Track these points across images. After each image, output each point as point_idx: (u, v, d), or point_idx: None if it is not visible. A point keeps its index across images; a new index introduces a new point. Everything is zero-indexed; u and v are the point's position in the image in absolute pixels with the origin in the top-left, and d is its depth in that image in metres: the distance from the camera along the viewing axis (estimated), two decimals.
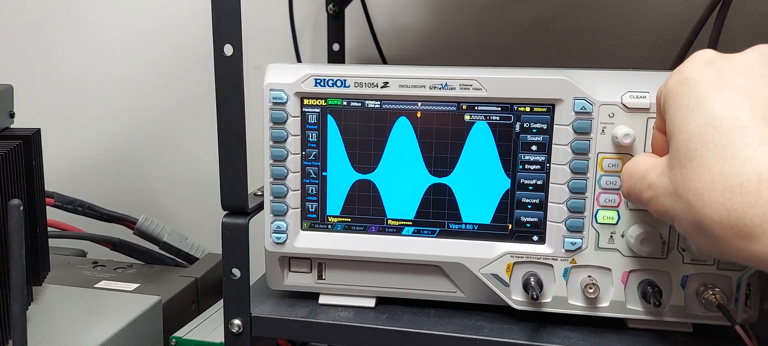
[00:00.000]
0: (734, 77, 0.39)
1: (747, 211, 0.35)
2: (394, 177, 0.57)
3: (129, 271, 0.89)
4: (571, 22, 0.91)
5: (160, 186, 1.13)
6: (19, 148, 0.67)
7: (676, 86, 0.42)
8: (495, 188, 0.56)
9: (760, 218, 0.35)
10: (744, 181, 0.36)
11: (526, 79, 0.53)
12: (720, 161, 0.37)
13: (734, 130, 0.37)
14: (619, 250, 0.54)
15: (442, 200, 0.57)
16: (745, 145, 0.36)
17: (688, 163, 0.39)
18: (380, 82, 0.55)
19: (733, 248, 0.37)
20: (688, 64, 0.42)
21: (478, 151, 0.56)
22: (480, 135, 0.55)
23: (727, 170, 0.37)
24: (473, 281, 0.57)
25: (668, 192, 0.41)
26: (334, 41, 0.93)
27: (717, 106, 0.38)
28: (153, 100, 1.10)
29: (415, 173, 0.57)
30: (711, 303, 0.53)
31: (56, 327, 0.68)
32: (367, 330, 0.58)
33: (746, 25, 0.85)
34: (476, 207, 0.57)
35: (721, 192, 0.36)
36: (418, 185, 0.57)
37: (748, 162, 0.36)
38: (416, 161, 0.57)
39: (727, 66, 0.40)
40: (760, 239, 0.35)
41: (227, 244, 0.58)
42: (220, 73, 0.55)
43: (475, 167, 0.56)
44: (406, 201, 0.58)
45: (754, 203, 0.35)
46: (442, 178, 0.57)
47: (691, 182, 0.39)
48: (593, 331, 0.56)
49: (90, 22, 1.10)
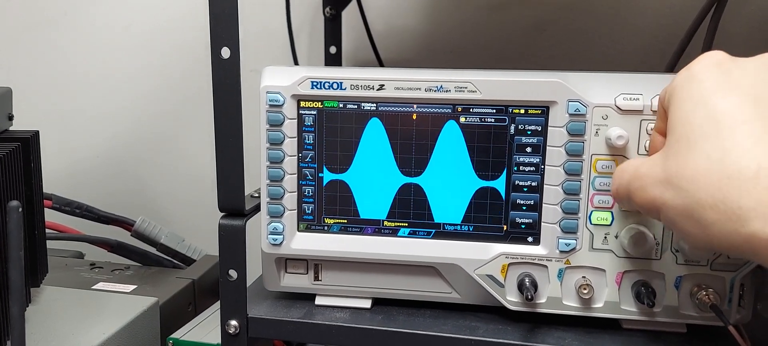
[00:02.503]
0: (741, 78, 0.40)
1: (743, 196, 0.36)
2: (366, 177, 0.58)
3: (126, 272, 0.90)
4: (566, 24, 0.91)
5: (157, 188, 1.14)
6: (18, 151, 0.67)
7: (682, 82, 0.43)
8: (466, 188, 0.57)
9: (755, 202, 0.35)
10: (742, 169, 0.36)
11: (520, 81, 0.54)
12: (719, 151, 0.38)
13: (736, 123, 0.38)
14: (613, 251, 0.55)
15: (415, 200, 0.58)
16: (746, 138, 0.37)
17: (686, 152, 0.40)
18: (376, 84, 0.56)
19: (722, 232, 0.37)
20: (697, 62, 0.43)
21: (449, 152, 0.57)
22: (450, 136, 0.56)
23: (725, 159, 0.37)
24: (468, 282, 0.58)
25: (658, 180, 0.42)
26: (331, 44, 0.93)
27: (721, 102, 0.39)
28: (150, 102, 1.10)
29: (387, 173, 0.58)
30: (704, 304, 0.53)
31: (54, 328, 0.69)
32: (363, 331, 0.58)
33: (741, 27, 0.85)
34: (448, 207, 0.58)
35: (719, 178, 0.37)
36: (391, 185, 0.58)
37: (748, 153, 0.37)
38: (389, 162, 0.58)
39: (735, 67, 0.41)
40: (753, 222, 0.35)
41: (224, 245, 0.59)
42: (218, 76, 0.56)
43: (445, 168, 0.57)
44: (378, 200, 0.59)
45: (751, 188, 0.36)
46: (413, 178, 0.58)
47: (687, 169, 0.39)
48: (587, 331, 0.57)
49: (88, 24, 1.11)
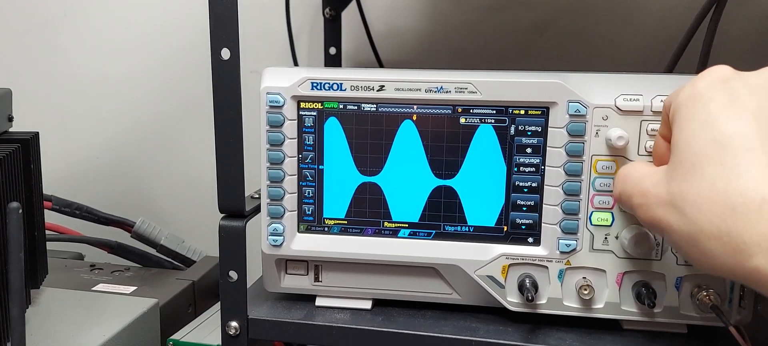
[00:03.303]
0: (747, 98, 0.39)
1: (747, 229, 0.35)
2: (400, 180, 0.58)
3: (126, 274, 0.90)
4: (566, 25, 0.91)
5: (157, 189, 1.14)
6: (18, 152, 0.67)
7: (687, 99, 0.42)
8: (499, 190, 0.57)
9: (759, 236, 0.35)
10: (747, 200, 0.36)
11: (521, 82, 0.54)
12: (724, 180, 0.37)
13: (742, 151, 0.37)
14: (613, 251, 0.55)
15: (446, 203, 0.58)
16: (752, 167, 0.36)
17: (690, 176, 0.39)
18: (376, 85, 0.56)
19: (725, 265, 0.37)
20: (702, 79, 0.42)
21: (482, 153, 0.56)
22: (484, 138, 0.56)
23: (730, 189, 0.36)
24: (469, 283, 0.58)
25: (663, 202, 0.41)
26: (331, 45, 0.93)
27: (727, 126, 0.38)
28: (151, 103, 1.10)
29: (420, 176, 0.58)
30: (705, 304, 0.53)
31: (54, 330, 0.69)
32: (363, 332, 0.58)
33: (741, 28, 0.85)
34: (480, 210, 0.57)
35: (723, 209, 0.36)
36: (424, 188, 0.58)
37: (753, 183, 0.36)
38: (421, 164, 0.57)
39: (741, 86, 0.40)
40: (757, 256, 0.35)
41: (224, 246, 0.59)
42: (218, 77, 0.56)
43: (479, 169, 0.57)
44: (410, 203, 0.58)
45: (755, 222, 0.35)
46: (446, 180, 0.57)
47: (690, 194, 0.39)
48: (588, 332, 0.57)
49: (88, 25, 1.11)
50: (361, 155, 0.58)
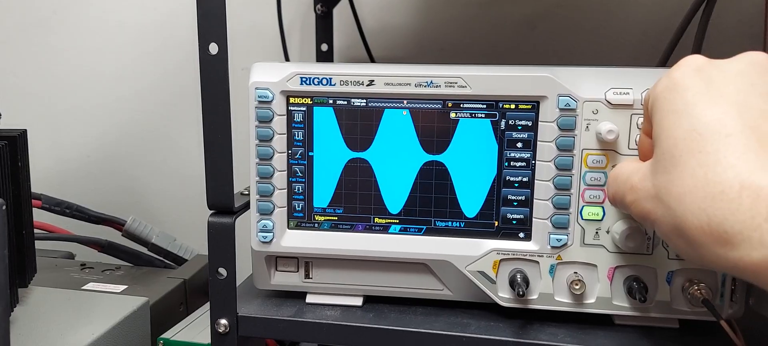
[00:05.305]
0: (723, 85, 0.39)
1: (728, 218, 0.35)
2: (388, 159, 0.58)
3: (117, 273, 0.89)
4: (557, 20, 0.91)
5: (148, 187, 1.13)
6: (5, 149, 0.67)
7: (664, 91, 0.42)
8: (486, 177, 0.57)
9: (740, 225, 0.35)
10: (726, 188, 0.35)
11: (511, 76, 0.54)
12: (703, 168, 0.37)
13: (720, 137, 0.37)
14: (604, 246, 0.55)
15: (437, 184, 0.57)
16: (729, 153, 0.36)
17: (672, 168, 0.39)
18: (366, 80, 0.55)
19: (712, 255, 0.37)
20: (677, 69, 0.42)
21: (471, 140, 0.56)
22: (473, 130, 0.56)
23: (709, 177, 0.36)
24: (460, 279, 0.57)
25: (650, 195, 0.41)
26: (323, 41, 0.93)
27: (704, 113, 0.38)
28: (141, 100, 1.10)
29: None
30: (696, 298, 0.53)
31: (43, 329, 0.68)
32: (354, 329, 0.58)
33: (732, 22, 0.85)
34: (470, 196, 0.57)
35: (703, 198, 0.36)
36: (413, 164, 0.57)
37: (731, 170, 0.36)
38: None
39: (717, 73, 0.40)
40: (740, 246, 0.35)
41: (213, 243, 0.58)
42: (206, 72, 0.55)
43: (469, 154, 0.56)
44: (400, 181, 0.58)
45: (735, 210, 0.35)
46: (436, 155, 0.57)
47: (673, 186, 0.39)
48: (580, 327, 0.57)
49: (77, 22, 1.10)
50: (352, 136, 0.57)
